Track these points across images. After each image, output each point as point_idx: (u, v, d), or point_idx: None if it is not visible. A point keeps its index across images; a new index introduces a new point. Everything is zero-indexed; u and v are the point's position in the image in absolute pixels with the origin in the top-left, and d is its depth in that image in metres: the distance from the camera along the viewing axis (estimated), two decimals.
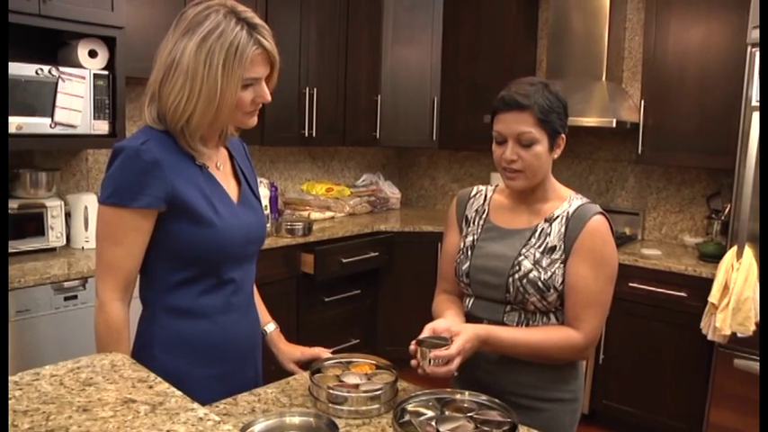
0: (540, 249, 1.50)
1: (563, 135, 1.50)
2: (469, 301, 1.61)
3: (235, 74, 1.31)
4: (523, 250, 1.51)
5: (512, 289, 1.50)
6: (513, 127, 1.45)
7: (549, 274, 1.48)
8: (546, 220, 1.53)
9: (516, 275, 1.49)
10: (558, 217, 1.52)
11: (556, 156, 1.51)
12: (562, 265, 1.49)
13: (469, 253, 1.60)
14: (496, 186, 1.69)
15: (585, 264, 1.47)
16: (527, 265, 1.49)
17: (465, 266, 1.59)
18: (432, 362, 1.35)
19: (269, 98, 1.40)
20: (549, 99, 1.46)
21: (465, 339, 1.37)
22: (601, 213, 1.51)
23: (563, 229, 1.50)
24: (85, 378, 1.01)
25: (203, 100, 1.32)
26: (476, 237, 1.61)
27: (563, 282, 1.48)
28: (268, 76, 1.40)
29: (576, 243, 1.48)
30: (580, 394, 1.61)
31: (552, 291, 1.48)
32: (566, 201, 1.55)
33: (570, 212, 1.51)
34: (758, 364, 2.80)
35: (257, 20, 1.35)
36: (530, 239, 1.52)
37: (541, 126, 1.45)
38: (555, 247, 1.50)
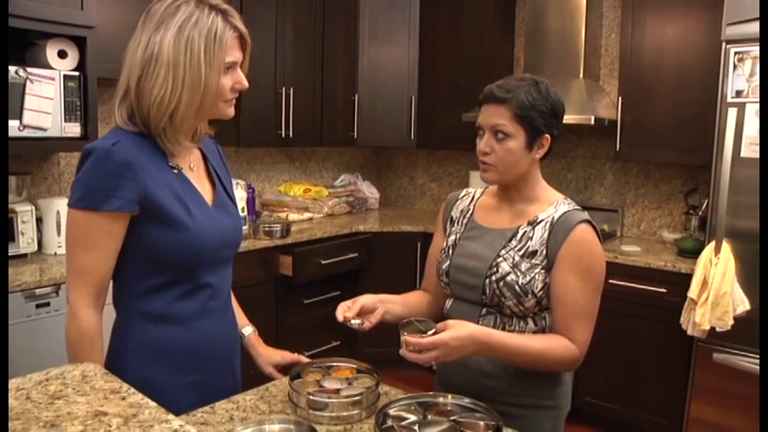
0: (521, 253, 1.47)
1: (547, 135, 1.46)
2: (449, 303, 1.60)
3: (217, 59, 1.31)
4: (502, 252, 1.49)
5: (488, 291, 1.47)
6: (489, 119, 1.46)
7: (528, 278, 1.44)
8: (529, 224, 1.50)
9: (493, 277, 1.47)
10: (541, 221, 1.48)
11: (538, 156, 1.48)
12: (543, 271, 1.45)
13: (450, 252, 1.58)
14: (486, 188, 1.67)
15: (572, 275, 1.43)
16: (505, 267, 1.46)
17: (445, 265, 1.58)
18: (404, 345, 1.31)
19: (246, 84, 1.39)
20: (533, 96, 1.43)
21: (450, 336, 1.30)
22: (587, 221, 1.46)
23: (546, 235, 1.46)
24: (54, 390, 0.97)
25: (188, 89, 1.30)
26: (458, 236, 1.60)
27: (542, 288, 1.45)
28: (241, 62, 1.39)
29: (561, 252, 1.43)
30: (564, 401, 1.58)
31: (530, 296, 1.44)
32: (552, 205, 1.51)
33: (555, 218, 1.47)
34: (737, 358, 2.83)
35: (225, 5, 1.36)
36: (510, 241, 1.49)
37: (518, 121, 1.43)
38: (536, 251, 1.46)
